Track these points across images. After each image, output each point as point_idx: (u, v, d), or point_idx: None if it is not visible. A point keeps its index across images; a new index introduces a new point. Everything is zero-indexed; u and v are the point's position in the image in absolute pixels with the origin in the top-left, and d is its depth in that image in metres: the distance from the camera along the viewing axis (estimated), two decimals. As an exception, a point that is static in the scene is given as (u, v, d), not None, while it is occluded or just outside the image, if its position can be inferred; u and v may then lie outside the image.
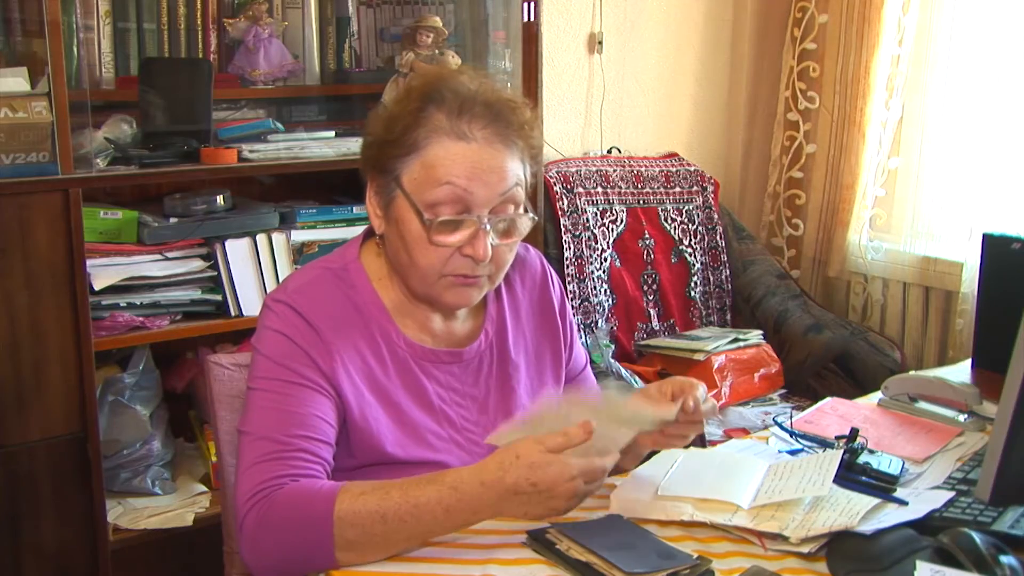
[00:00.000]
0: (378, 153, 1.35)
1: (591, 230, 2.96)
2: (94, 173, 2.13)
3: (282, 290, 1.38)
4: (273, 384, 1.30)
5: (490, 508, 1.20)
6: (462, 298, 1.37)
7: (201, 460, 2.52)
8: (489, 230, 1.31)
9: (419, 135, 1.30)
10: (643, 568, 1.16)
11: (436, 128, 1.30)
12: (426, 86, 1.33)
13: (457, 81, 1.33)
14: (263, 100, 2.64)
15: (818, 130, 3.29)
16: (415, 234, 1.31)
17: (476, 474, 1.20)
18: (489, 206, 1.31)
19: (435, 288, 1.35)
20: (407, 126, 1.31)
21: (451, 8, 2.81)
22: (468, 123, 1.30)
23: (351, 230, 2.48)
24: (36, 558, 2.13)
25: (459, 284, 1.35)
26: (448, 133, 1.30)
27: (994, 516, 1.30)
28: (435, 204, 1.29)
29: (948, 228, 2.97)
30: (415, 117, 1.31)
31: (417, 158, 1.31)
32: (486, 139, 1.31)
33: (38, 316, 2.05)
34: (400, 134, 1.31)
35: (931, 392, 1.75)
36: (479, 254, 1.31)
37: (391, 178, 1.33)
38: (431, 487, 1.20)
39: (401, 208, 1.32)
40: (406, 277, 1.37)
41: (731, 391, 2.74)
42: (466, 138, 1.30)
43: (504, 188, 1.31)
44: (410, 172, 1.31)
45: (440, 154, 1.30)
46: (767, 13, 3.41)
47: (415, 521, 1.19)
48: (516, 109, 1.35)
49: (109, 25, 2.41)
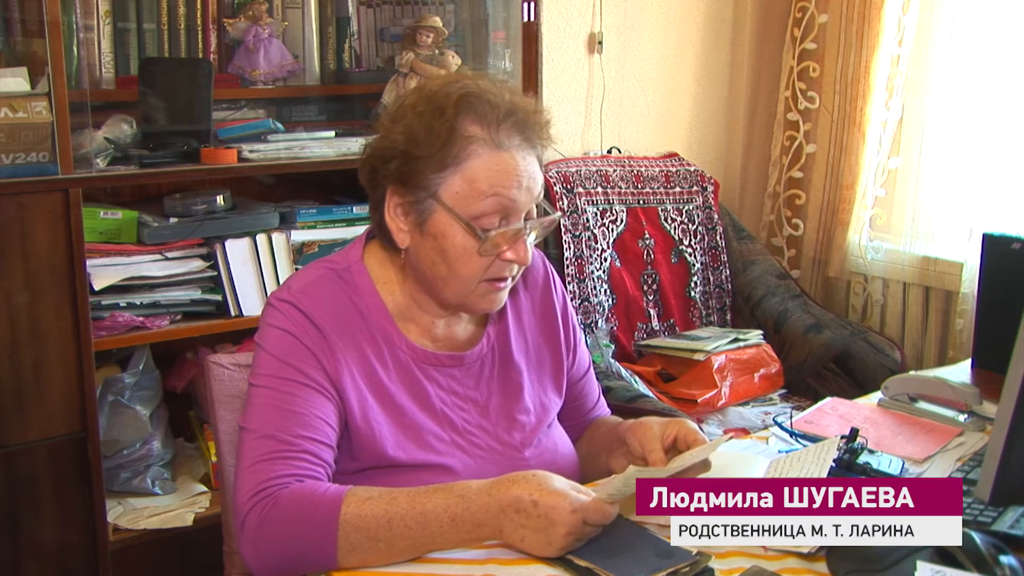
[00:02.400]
0: (405, 169, 1.32)
1: (591, 230, 2.96)
2: (94, 173, 2.13)
3: (286, 289, 1.38)
4: (277, 382, 1.30)
5: (493, 522, 1.19)
6: (495, 303, 1.39)
7: (201, 460, 2.52)
8: (530, 233, 1.34)
9: (458, 149, 1.30)
10: (641, 572, 1.16)
11: (474, 140, 1.30)
12: (459, 99, 1.31)
13: (484, 91, 1.33)
14: (263, 100, 2.64)
15: (818, 130, 3.29)
16: (461, 247, 1.31)
17: (487, 484, 1.21)
18: (526, 211, 1.34)
19: (472, 296, 1.36)
20: (445, 142, 1.30)
21: (451, 8, 2.81)
22: (505, 133, 1.31)
23: (351, 230, 2.48)
24: (36, 558, 2.13)
25: (493, 290, 1.36)
26: (487, 144, 1.30)
27: (994, 516, 1.30)
28: (480, 216, 1.31)
29: (948, 228, 2.96)
30: (452, 131, 1.30)
31: (456, 172, 1.30)
32: (519, 147, 1.33)
33: (38, 316, 2.05)
34: (437, 150, 1.30)
35: (931, 392, 1.75)
36: (524, 258, 1.34)
37: (426, 194, 1.32)
38: (439, 495, 1.21)
39: (442, 223, 1.32)
40: (439, 289, 1.37)
41: (731, 391, 2.74)
42: (504, 147, 1.31)
43: (538, 192, 1.35)
44: (450, 187, 1.31)
45: (482, 166, 1.30)
46: (767, 13, 3.41)
47: (420, 529, 1.19)
48: (537, 114, 1.37)
49: (109, 25, 2.41)
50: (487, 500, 1.20)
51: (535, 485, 1.19)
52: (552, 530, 1.17)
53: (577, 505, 1.17)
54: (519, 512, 1.18)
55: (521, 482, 1.20)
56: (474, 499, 1.20)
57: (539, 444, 1.46)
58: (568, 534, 1.17)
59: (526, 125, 1.34)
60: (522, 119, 1.33)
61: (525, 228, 1.33)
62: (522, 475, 1.21)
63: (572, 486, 1.21)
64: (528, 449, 1.44)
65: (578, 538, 1.18)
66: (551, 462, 1.45)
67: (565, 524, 1.17)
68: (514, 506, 1.18)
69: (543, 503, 1.17)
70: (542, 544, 1.18)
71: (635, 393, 2.54)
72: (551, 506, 1.17)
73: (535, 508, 1.17)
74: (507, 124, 1.31)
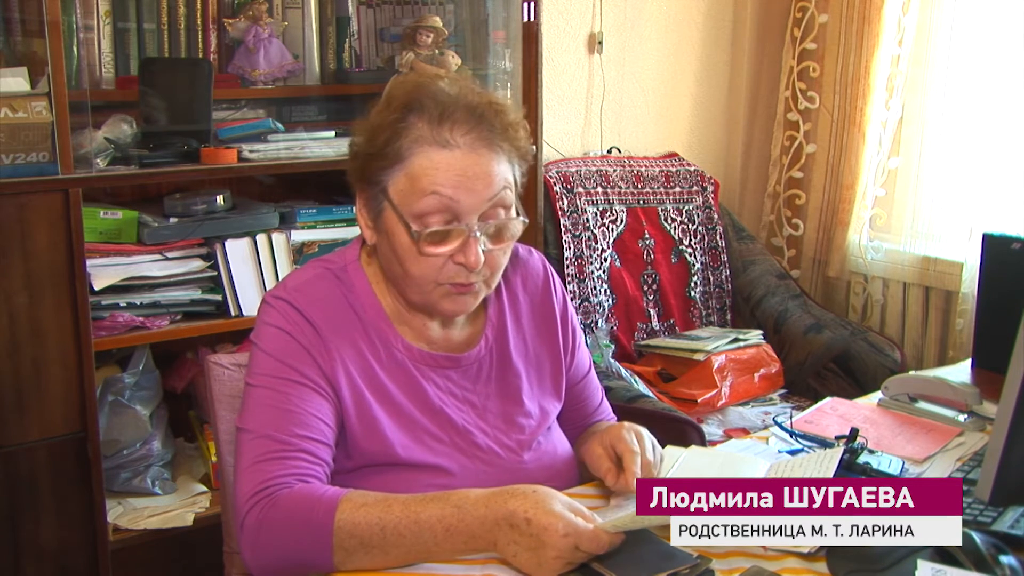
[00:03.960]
0: (363, 165, 1.34)
1: (591, 230, 2.96)
2: (94, 173, 2.13)
3: (282, 287, 1.37)
4: (273, 381, 1.30)
5: (487, 535, 1.17)
6: (459, 306, 1.36)
7: (201, 460, 2.52)
8: (479, 236, 1.30)
9: (402, 146, 1.29)
10: (642, 574, 1.15)
11: (418, 138, 1.29)
12: (406, 95, 1.31)
13: (436, 88, 1.31)
14: (263, 100, 2.64)
15: (818, 130, 3.29)
16: (405, 246, 1.30)
17: (485, 496, 1.18)
18: (477, 212, 1.29)
19: (431, 297, 1.34)
20: (389, 137, 1.29)
21: (451, 8, 2.81)
22: (450, 130, 1.29)
23: (351, 230, 2.48)
24: (36, 558, 2.13)
25: (455, 292, 1.33)
26: (430, 142, 1.28)
27: (994, 516, 1.30)
28: (422, 215, 1.28)
29: (948, 228, 2.97)
30: (396, 127, 1.29)
31: (401, 169, 1.29)
32: (469, 145, 1.29)
33: (38, 316, 2.05)
34: (383, 145, 1.30)
35: (931, 392, 1.75)
36: (471, 262, 1.29)
37: (378, 190, 1.32)
38: (434, 505, 1.19)
39: (390, 220, 1.31)
40: (401, 287, 1.37)
41: (731, 391, 2.74)
42: (449, 146, 1.28)
43: (491, 193, 1.30)
44: (395, 183, 1.30)
45: (424, 164, 1.28)
46: (767, 13, 3.41)
47: (414, 538, 1.18)
48: (500, 111, 1.32)
49: (109, 25, 2.41)
50: (483, 512, 1.17)
51: (532, 502, 1.15)
52: (542, 551, 1.13)
53: (570, 530, 1.13)
54: (512, 528, 1.15)
55: (519, 496, 1.17)
56: (470, 510, 1.17)
57: (538, 447, 1.44)
58: (557, 558, 1.13)
59: (481, 123, 1.30)
60: (477, 117, 1.29)
61: (473, 230, 1.29)
62: (522, 489, 1.18)
63: (572, 507, 1.16)
64: (526, 452, 1.42)
65: (569, 562, 1.14)
66: (549, 466, 1.44)
67: (555, 548, 1.13)
68: (508, 520, 1.15)
69: (536, 522, 1.14)
70: (532, 564, 1.14)
71: (635, 393, 2.54)
72: (543, 526, 1.13)
73: (528, 526, 1.14)
74: (454, 122, 1.28)
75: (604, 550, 1.14)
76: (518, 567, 1.16)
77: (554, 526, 1.13)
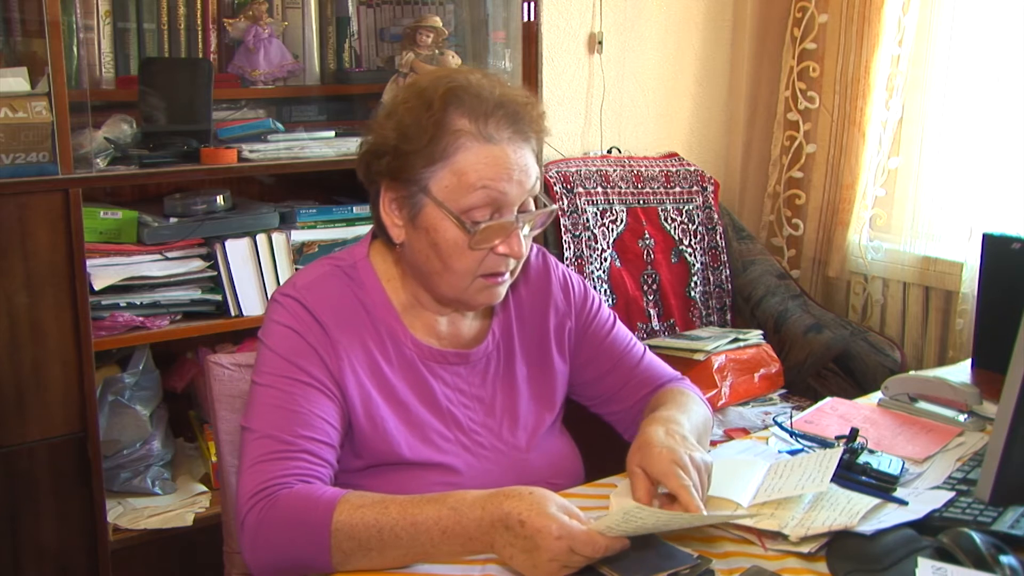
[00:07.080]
0: (396, 164, 1.33)
1: (591, 230, 2.96)
2: (94, 173, 2.13)
3: (291, 285, 1.38)
4: (279, 381, 1.30)
5: (484, 536, 1.16)
6: (494, 297, 1.38)
7: (201, 460, 2.52)
8: (523, 226, 1.33)
9: (446, 143, 1.30)
10: (643, 573, 1.15)
11: (462, 134, 1.30)
12: (446, 93, 1.31)
13: (471, 83, 1.33)
14: (263, 100, 2.65)
15: (818, 130, 3.29)
16: (452, 241, 1.31)
17: (482, 497, 1.18)
18: (519, 204, 1.33)
19: (468, 291, 1.36)
20: (433, 135, 1.30)
21: (451, 8, 2.81)
22: (495, 125, 1.31)
23: (351, 230, 2.48)
24: (36, 558, 2.13)
25: (490, 284, 1.36)
26: (475, 137, 1.30)
27: (994, 516, 1.30)
28: (470, 209, 1.30)
29: (948, 228, 2.96)
30: (439, 126, 1.30)
31: (445, 166, 1.30)
32: (510, 139, 1.32)
33: (38, 316, 2.05)
34: (426, 143, 1.30)
35: (931, 392, 1.75)
36: (517, 252, 1.33)
37: (417, 188, 1.32)
38: (431, 507, 1.18)
39: (433, 217, 1.32)
40: (434, 283, 1.37)
41: (731, 391, 2.74)
42: (493, 140, 1.31)
43: (531, 184, 1.33)
44: (439, 180, 1.31)
45: (471, 159, 1.30)
46: (767, 13, 3.41)
47: (411, 539, 1.18)
48: (529, 105, 1.36)
49: (109, 25, 2.41)
50: (479, 514, 1.16)
51: (527, 503, 1.15)
52: (537, 554, 1.12)
53: (564, 532, 1.12)
54: (507, 529, 1.15)
55: (515, 498, 1.16)
56: (467, 512, 1.17)
57: (542, 444, 1.45)
58: (552, 560, 1.12)
59: (517, 117, 1.33)
60: (512, 111, 1.32)
61: (518, 221, 1.32)
62: (518, 491, 1.17)
63: (567, 510, 1.15)
64: (532, 450, 1.43)
65: (564, 565, 1.13)
66: (554, 463, 1.45)
67: (549, 550, 1.12)
68: (503, 522, 1.15)
69: (530, 524, 1.13)
70: (528, 566, 1.14)
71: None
72: (536, 528, 1.12)
73: (522, 528, 1.13)
74: (496, 117, 1.31)
75: (600, 553, 1.13)
76: (515, 568, 1.16)
77: (548, 528, 1.12)
